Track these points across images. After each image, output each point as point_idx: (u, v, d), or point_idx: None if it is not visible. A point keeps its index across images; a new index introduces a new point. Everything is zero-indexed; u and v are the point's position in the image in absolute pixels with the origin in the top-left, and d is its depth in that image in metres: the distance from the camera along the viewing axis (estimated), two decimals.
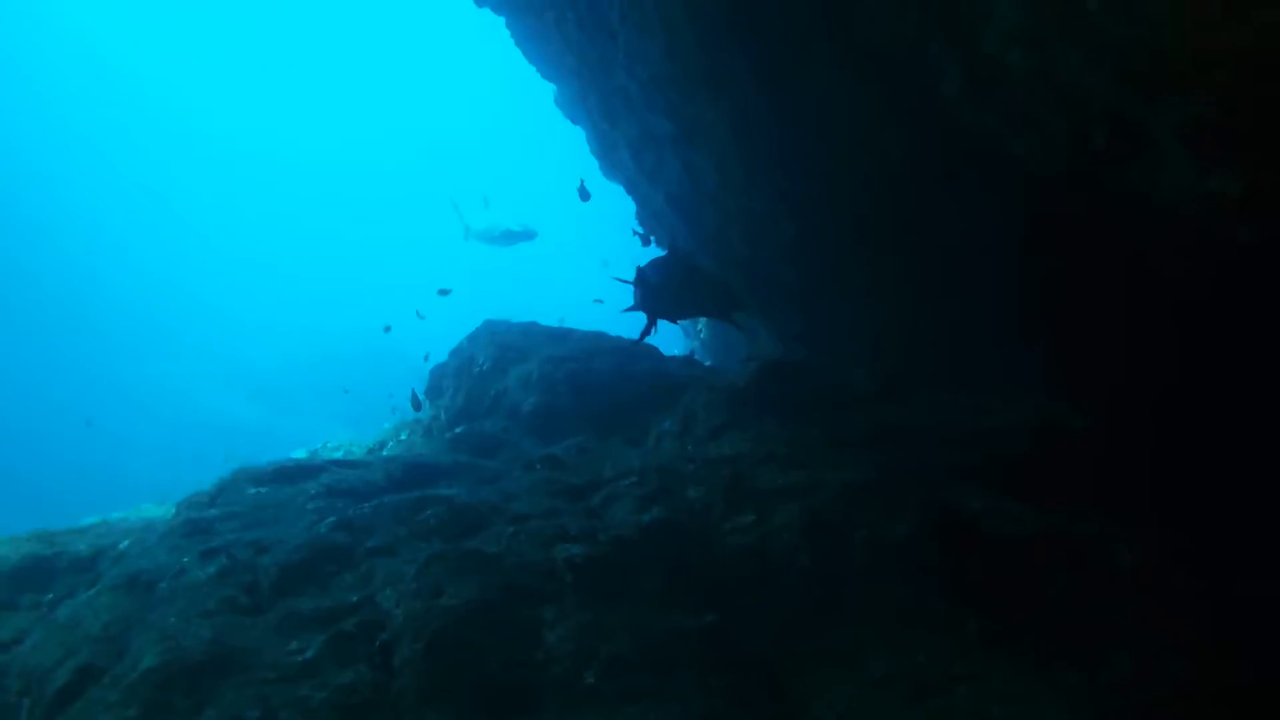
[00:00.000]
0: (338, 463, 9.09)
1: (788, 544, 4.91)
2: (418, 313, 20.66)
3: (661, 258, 10.73)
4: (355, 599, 5.03)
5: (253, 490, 8.31)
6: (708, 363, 17.75)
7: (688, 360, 12.79)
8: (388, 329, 21.18)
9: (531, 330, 13.25)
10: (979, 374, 7.60)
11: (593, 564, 4.82)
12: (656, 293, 9.67)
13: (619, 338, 13.23)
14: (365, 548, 5.64)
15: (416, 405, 14.39)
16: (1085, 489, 5.99)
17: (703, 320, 20.66)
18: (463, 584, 4.66)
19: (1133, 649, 3.98)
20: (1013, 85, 5.54)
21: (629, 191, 14.16)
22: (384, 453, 15.17)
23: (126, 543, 8.27)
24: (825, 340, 10.74)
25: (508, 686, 4.03)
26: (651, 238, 14.17)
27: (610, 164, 14.34)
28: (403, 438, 15.05)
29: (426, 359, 23.28)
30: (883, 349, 8.54)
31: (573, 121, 18.45)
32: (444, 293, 16.82)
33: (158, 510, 20.15)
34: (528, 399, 10.52)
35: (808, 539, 4.88)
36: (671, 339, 24.03)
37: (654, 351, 12.25)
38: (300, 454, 22.95)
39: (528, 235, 12.42)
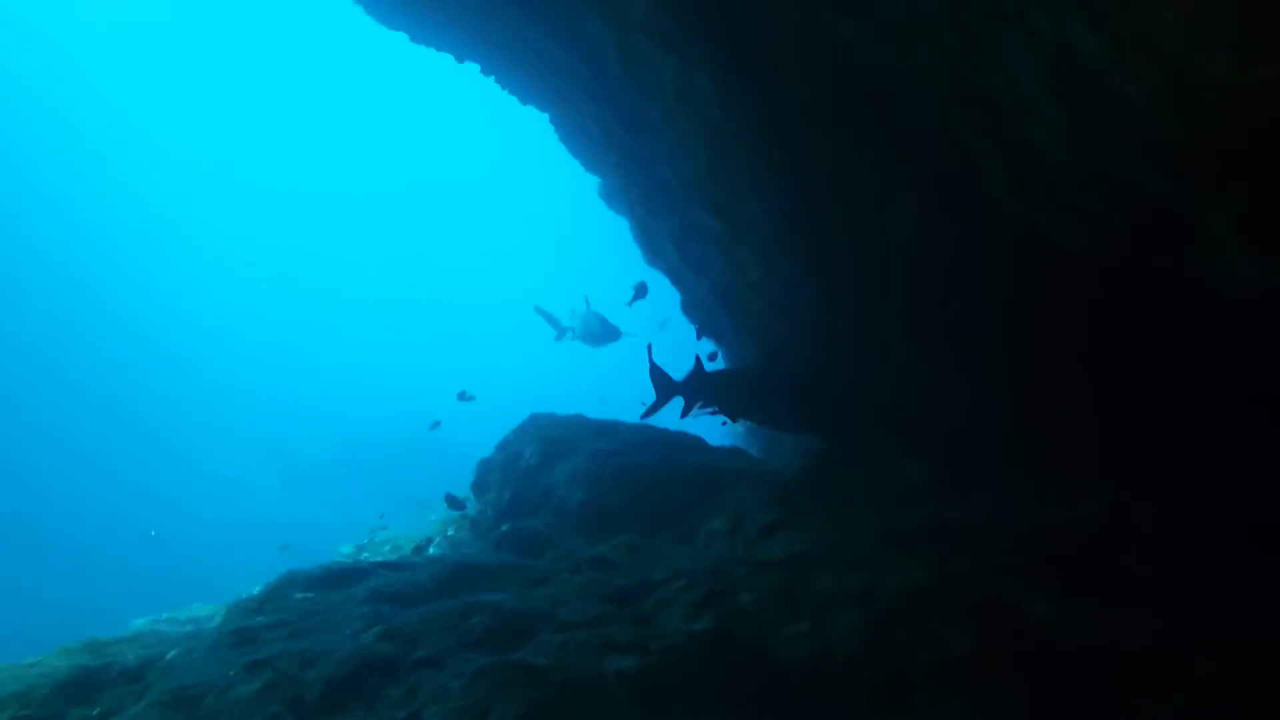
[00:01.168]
0: (385, 565, 9.05)
1: (846, 654, 4.72)
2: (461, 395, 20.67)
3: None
4: (401, 716, 4.91)
5: (300, 595, 8.27)
6: (754, 451, 17.59)
7: (735, 452, 12.66)
8: (436, 424, 21.13)
9: (577, 424, 13.22)
10: (1038, 465, 7.39)
11: (645, 676, 4.67)
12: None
13: (665, 430, 13.15)
14: (411, 659, 5.54)
15: (455, 505, 14.36)
16: (1154, 587, 5.75)
17: None
18: (510, 700, 4.53)
19: None
20: (1061, 181, 5.49)
21: (673, 282, 14.24)
22: (430, 549, 15.09)
23: (174, 653, 8.22)
24: (874, 431, 10.57)
25: None
26: (717, 354, 14.27)
27: (653, 253, 14.47)
28: (450, 533, 14.98)
29: (436, 425, 23.13)
30: (936, 440, 8.35)
31: (616, 212, 18.75)
32: (466, 398, 16.82)
33: (207, 609, 20.19)
34: (574, 494, 10.44)
35: (867, 650, 4.69)
36: (710, 424, 23.90)
37: (701, 443, 12.14)
38: (348, 549, 23.02)
39: (616, 334, 12.54)
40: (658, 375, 11.20)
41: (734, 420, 10.98)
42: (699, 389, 10.52)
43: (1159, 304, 5.84)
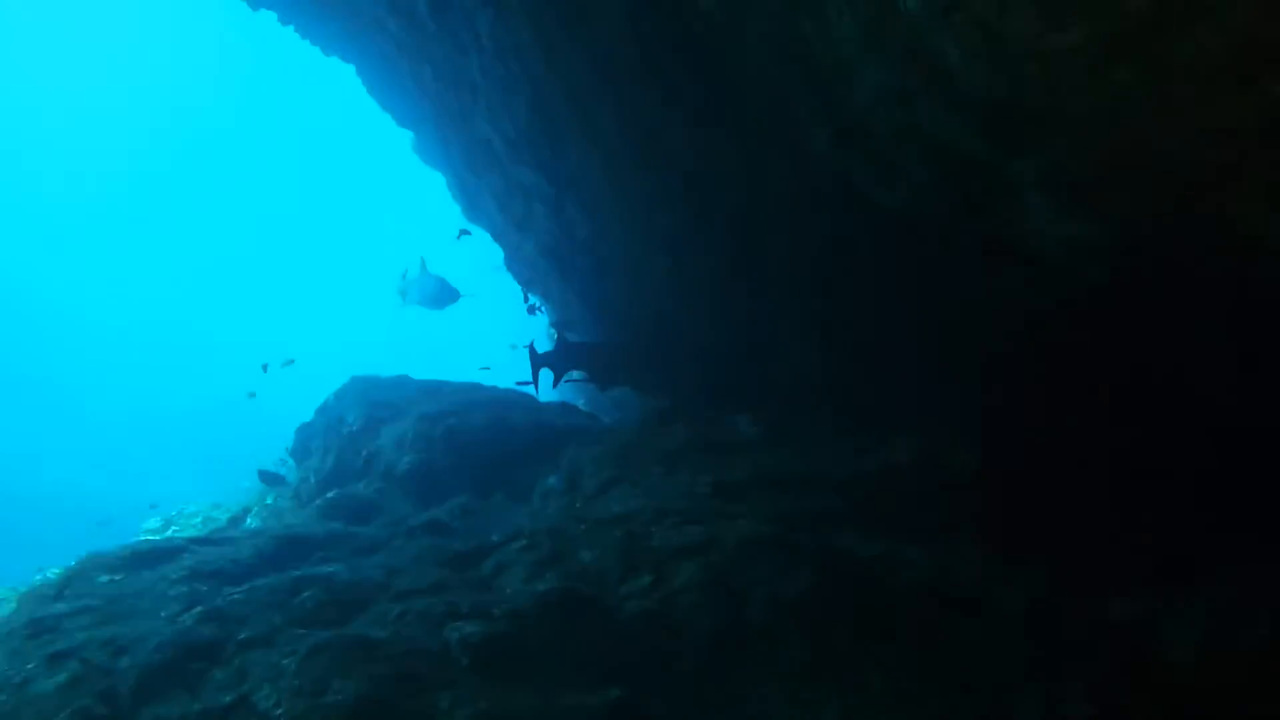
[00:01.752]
0: (200, 540, 8.56)
1: (688, 606, 4.80)
2: (264, 367, 19.76)
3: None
4: (229, 700, 4.65)
5: (105, 578, 7.70)
6: (579, 403, 17.66)
7: (565, 408, 12.63)
8: (252, 395, 20.12)
9: (403, 385, 12.87)
10: (858, 414, 7.71)
11: (489, 643, 4.59)
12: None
13: (495, 389, 12.98)
14: (237, 640, 5.25)
15: (270, 481, 13.75)
16: (968, 526, 6.12)
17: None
18: (349, 677, 4.36)
19: (1033, 696, 4.02)
20: (879, 137, 5.67)
21: (495, 239, 13.99)
22: (249, 520, 14.43)
23: None
24: (701, 387, 10.77)
25: None
26: (540, 308, 14.10)
27: (474, 210, 14.15)
28: (269, 502, 14.34)
29: (252, 396, 22.21)
30: (766, 395, 8.58)
31: (431, 167, 18.20)
32: (286, 364, 16.15)
33: None
34: (403, 458, 10.16)
35: (707, 599, 4.78)
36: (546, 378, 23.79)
37: (530, 401, 12.06)
38: (154, 523, 21.72)
39: (455, 295, 12.02)
40: (532, 351, 11.49)
41: (603, 389, 11.06)
42: (565, 360, 10.86)
43: (972, 259, 6.15)
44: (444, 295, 11.57)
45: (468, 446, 9.89)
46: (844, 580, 4.74)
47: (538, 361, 10.79)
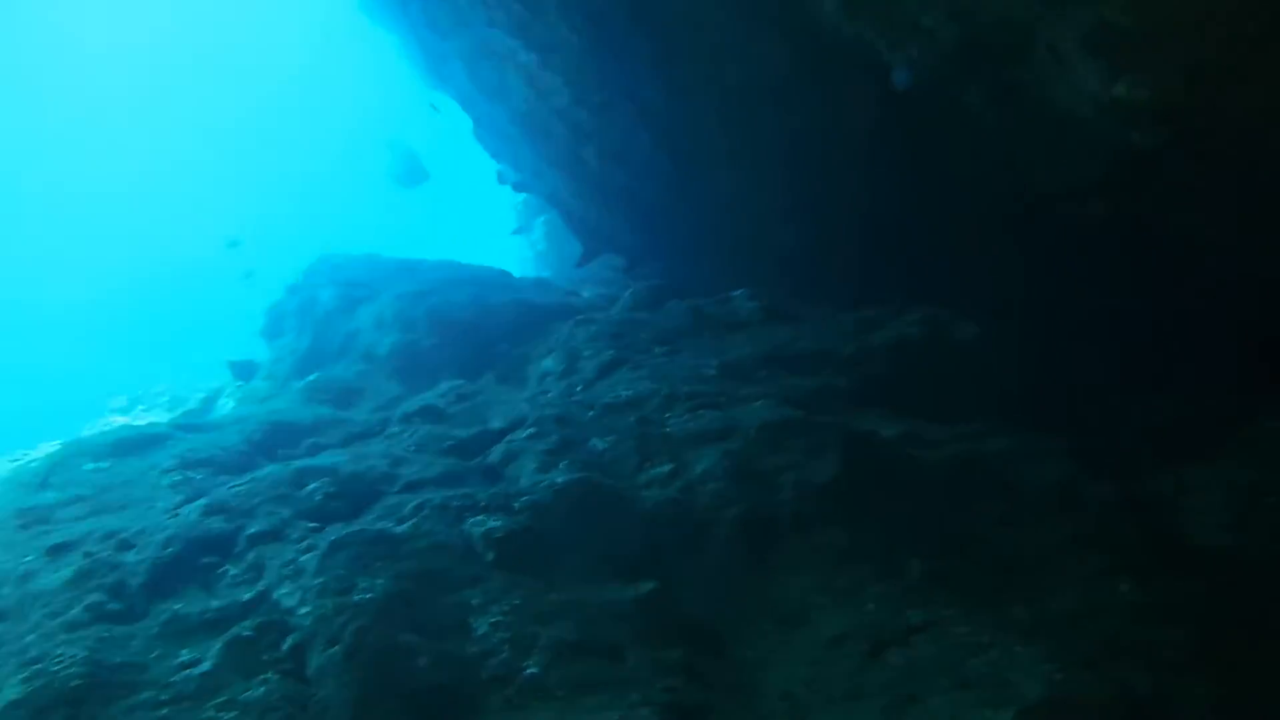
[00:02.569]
0: (185, 427, 8.36)
1: (712, 495, 4.73)
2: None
3: None
4: (247, 597, 4.55)
5: (91, 466, 7.52)
6: (547, 274, 17.45)
7: (541, 284, 12.39)
8: (249, 275, 19.50)
9: (376, 263, 12.53)
10: (858, 290, 7.59)
11: (513, 538, 4.50)
12: None
13: (471, 266, 12.68)
14: (247, 534, 5.12)
15: (243, 373, 13.46)
16: (985, 403, 6.10)
17: (539, 231, 20.37)
18: (374, 574, 4.26)
19: (1070, 574, 4.03)
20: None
21: (464, 107, 13.42)
22: (222, 401, 14.19)
23: None
24: (686, 258, 10.58)
25: (442, 688, 3.71)
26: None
27: (438, 77, 13.52)
28: (240, 383, 14.10)
29: (250, 275, 21.78)
30: (754, 266, 8.41)
31: (383, 27, 17.27)
32: (233, 245, 15.64)
33: None
34: (384, 339, 9.94)
35: (734, 488, 4.72)
36: (511, 254, 23.47)
37: (509, 278, 11.81)
38: (120, 400, 21.35)
39: (424, 175, 11.45)
40: None
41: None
42: None
43: (988, 130, 5.93)
44: (412, 174, 11.08)
45: (450, 326, 9.66)
46: (872, 462, 4.69)
47: None
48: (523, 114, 10.50)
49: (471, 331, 9.56)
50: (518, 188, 13.50)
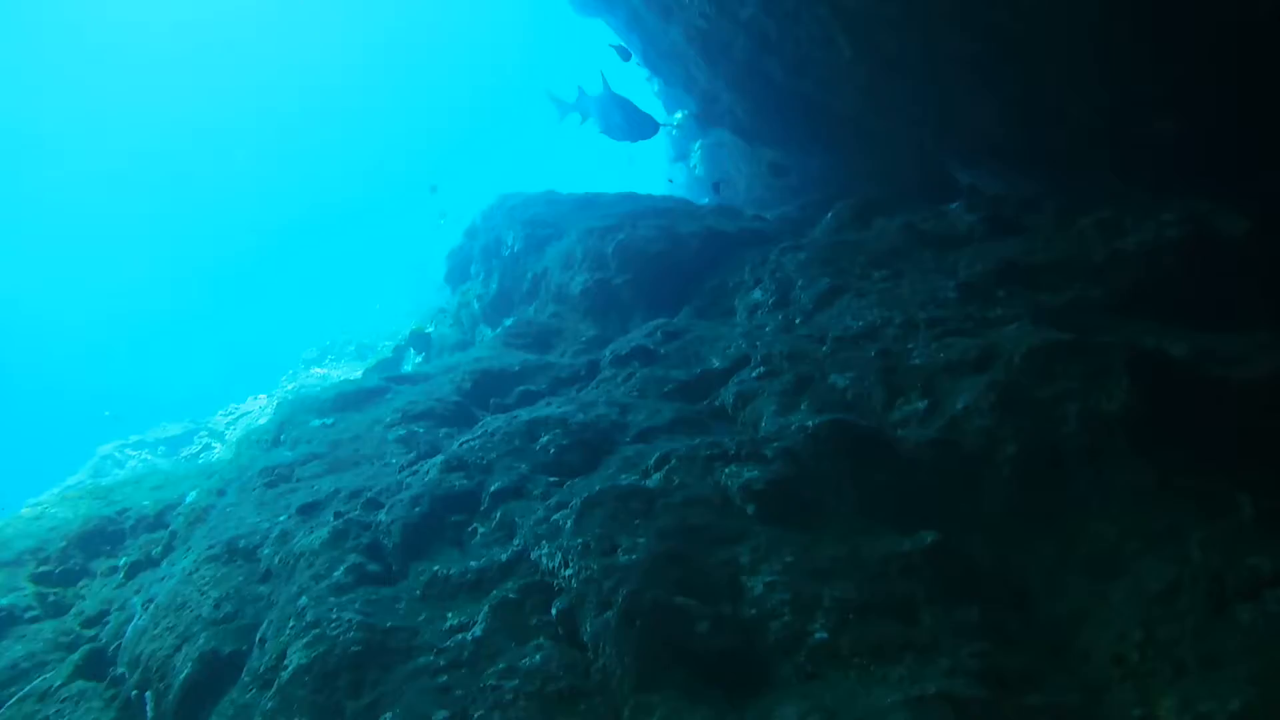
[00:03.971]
0: (396, 379, 8.52)
1: (981, 432, 4.34)
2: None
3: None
4: (504, 558, 4.49)
5: (318, 422, 7.76)
6: (715, 200, 17.00)
7: (723, 209, 11.97)
8: (443, 215, 20.01)
9: (555, 200, 12.41)
10: (1100, 181, 6.89)
11: (773, 489, 4.26)
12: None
13: (651, 196, 12.41)
14: (490, 491, 5.07)
15: (420, 346, 13.69)
16: (1270, 306, 5.43)
17: (696, 156, 19.86)
18: (635, 533, 4.11)
19: None
20: None
21: (631, 29, 13.03)
22: (410, 350, 14.55)
23: (193, 495, 7.74)
24: (884, 171, 9.97)
25: (727, 654, 3.53)
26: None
27: (600, 3, 13.16)
28: (429, 330, 14.41)
29: (444, 216, 22.30)
30: (980, 164, 7.78)
31: None
32: (433, 190, 15.79)
33: (175, 427, 19.54)
34: (575, 278, 9.81)
35: (1006, 423, 4.31)
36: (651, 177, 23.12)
37: (692, 206, 11.47)
38: (312, 351, 22.34)
39: (650, 126, 10.60)
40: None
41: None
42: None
43: None
44: (641, 125, 10.40)
45: (641, 261, 9.43)
46: (1168, 386, 4.18)
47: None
48: (701, 30, 10.05)
49: (663, 265, 9.31)
50: (696, 118, 13.06)
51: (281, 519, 5.81)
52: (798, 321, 6.42)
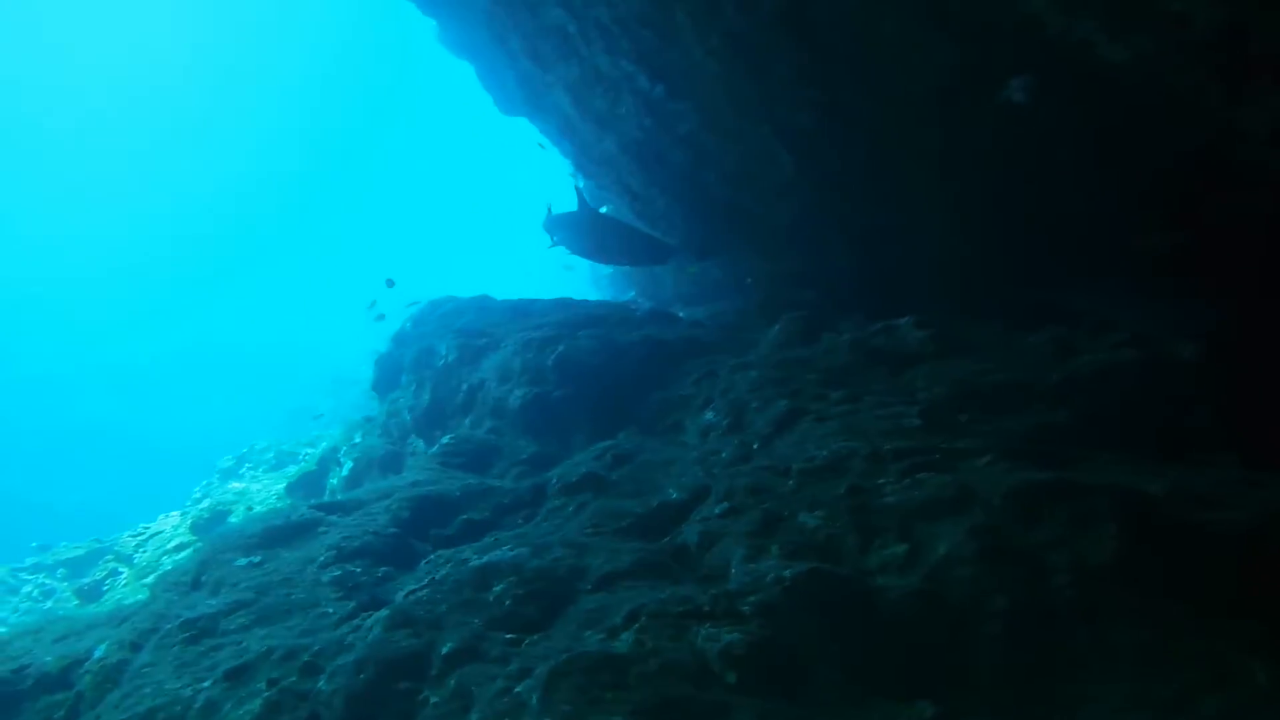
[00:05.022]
0: (328, 507, 8.04)
1: (967, 583, 4.14)
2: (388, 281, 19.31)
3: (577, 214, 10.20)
4: None
5: (243, 561, 7.23)
6: (631, 294, 17.08)
7: (659, 315, 11.85)
8: (375, 308, 19.60)
9: (487, 307, 12.17)
10: (1050, 303, 6.91)
11: (754, 653, 3.97)
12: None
13: (585, 302, 12.25)
14: (441, 654, 4.67)
15: (347, 456, 13.20)
16: (1222, 430, 5.41)
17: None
18: (607, 710, 3.77)
19: None
20: None
21: (563, 135, 13.03)
22: (341, 459, 13.98)
23: (103, 648, 7.09)
24: (825, 280, 9.97)
25: None
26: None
27: (535, 107, 13.16)
28: (356, 440, 13.89)
29: (372, 305, 21.73)
30: (927, 293, 7.77)
31: (457, 56, 17.07)
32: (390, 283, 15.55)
33: (76, 549, 18.40)
34: (514, 392, 9.51)
35: (991, 573, 4.12)
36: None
37: (628, 313, 11.31)
38: (228, 461, 21.42)
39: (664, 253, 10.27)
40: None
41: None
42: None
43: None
44: (651, 251, 10.09)
45: (581, 374, 9.20)
46: (1155, 534, 4.04)
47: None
48: (637, 141, 10.03)
49: (605, 378, 9.09)
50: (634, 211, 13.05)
51: (206, 685, 5.30)
52: (755, 447, 6.21)
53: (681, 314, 12.83)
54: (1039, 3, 4.94)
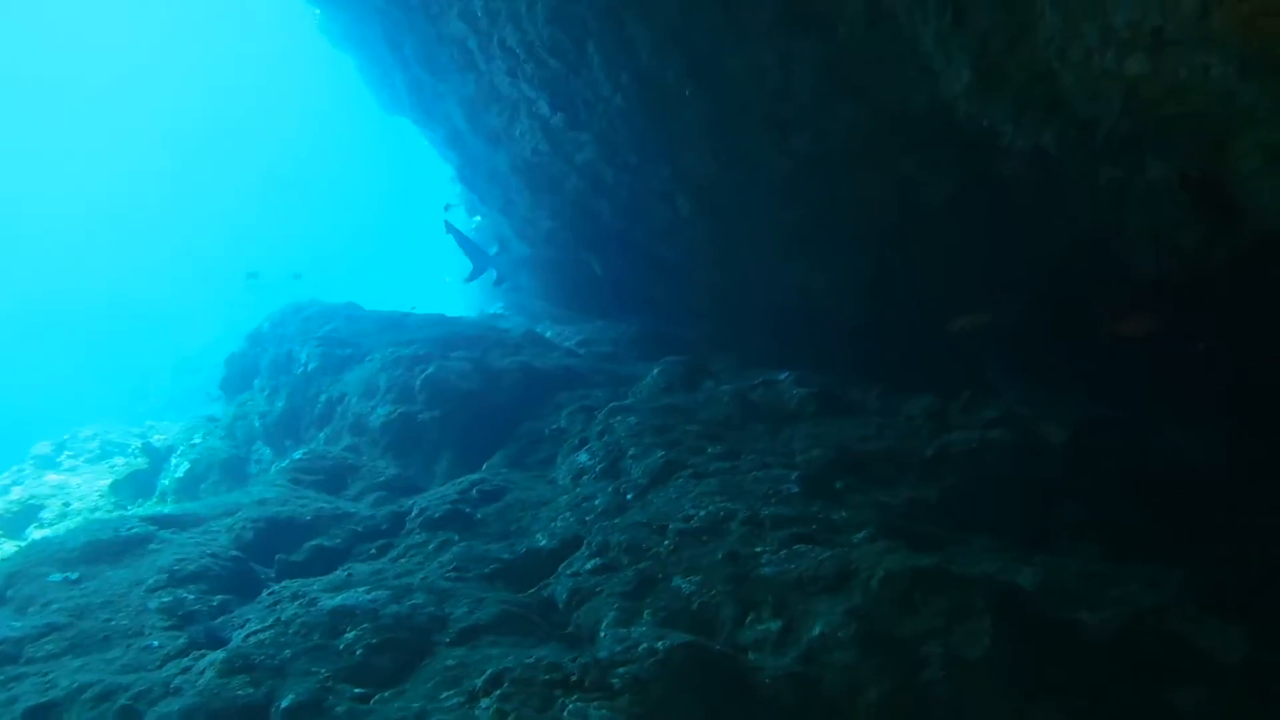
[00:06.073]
0: (163, 521, 7.43)
1: (842, 669, 4.07)
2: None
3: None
4: None
5: (59, 577, 6.61)
6: (523, 323, 16.81)
7: (535, 339, 11.60)
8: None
9: (356, 316, 11.66)
10: (921, 371, 7.03)
11: None
12: None
13: (461, 321, 11.91)
14: (282, 707, 4.30)
15: (184, 456, 12.45)
16: (1088, 517, 5.57)
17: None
18: None
19: None
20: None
21: (450, 145, 12.68)
22: (175, 460, 13.07)
23: None
24: (710, 320, 9.97)
25: None
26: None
27: (424, 113, 12.77)
28: (196, 440, 13.04)
29: (255, 275, 20.39)
30: (808, 349, 7.81)
31: (340, 47, 16.56)
32: (252, 277, 14.75)
33: None
34: (378, 410, 9.12)
35: (866, 661, 4.06)
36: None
37: (505, 335, 11.03)
38: (46, 448, 19.72)
39: None
40: (470, 246, 12.03)
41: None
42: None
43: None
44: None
45: (452, 398, 8.89)
46: (1028, 631, 4.07)
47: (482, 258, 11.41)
48: (529, 163, 9.80)
49: (476, 404, 8.80)
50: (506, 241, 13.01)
51: None
52: (630, 497, 6.05)
53: (549, 334, 12.63)
54: (957, 89, 4.99)
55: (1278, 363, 5.43)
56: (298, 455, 8.77)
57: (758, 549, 4.94)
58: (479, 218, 17.68)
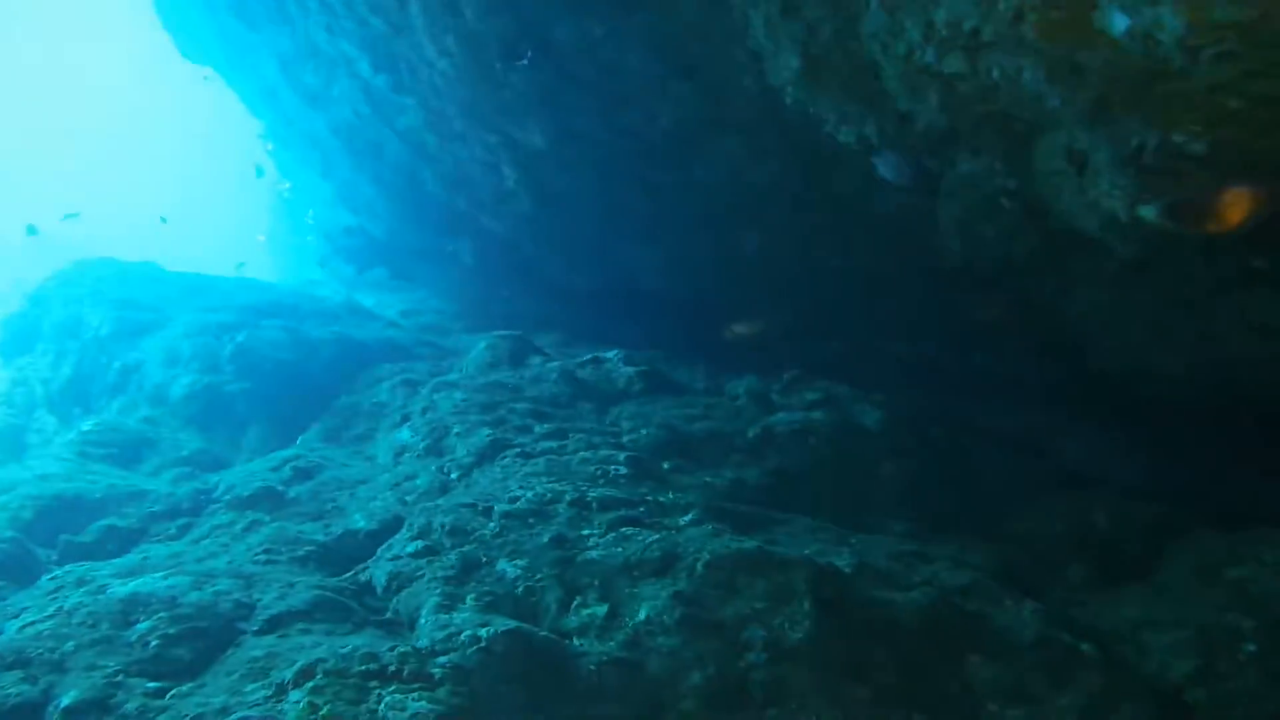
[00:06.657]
0: None
1: (666, 654, 4.07)
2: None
3: None
4: None
5: None
6: (342, 290, 16.23)
7: (354, 309, 11.17)
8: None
9: (157, 278, 10.86)
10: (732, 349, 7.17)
11: None
12: None
13: (273, 287, 11.29)
14: (62, 707, 3.92)
15: None
16: (893, 495, 5.83)
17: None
18: None
19: None
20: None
21: (264, 100, 11.97)
22: None
23: None
24: (536, 294, 9.82)
25: None
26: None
27: (236, 66, 11.99)
28: None
29: (34, 230, 18.35)
30: (630, 312, 7.80)
31: None
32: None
33: None
34: (180, 379, 8.54)
35: (689, 645, 4.08)
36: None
37: (321, 305, 10.54)
38: None
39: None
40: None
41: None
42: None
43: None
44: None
45: (264, 368, 8.43)
46: (845, 611, 4.19)
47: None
48: (349, 125, 9.34)
49: (290, 374, 8.38)
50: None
51: None
52: (454, 477, 5.88)
53: (370, 302, 12.17)
54: (785, 75, 5.04)
55: (1069, 344, 5.83)
56: (87, 426, 8.08)
57: (585, 532, 4.89)
58: (289, 183, 17.00)
